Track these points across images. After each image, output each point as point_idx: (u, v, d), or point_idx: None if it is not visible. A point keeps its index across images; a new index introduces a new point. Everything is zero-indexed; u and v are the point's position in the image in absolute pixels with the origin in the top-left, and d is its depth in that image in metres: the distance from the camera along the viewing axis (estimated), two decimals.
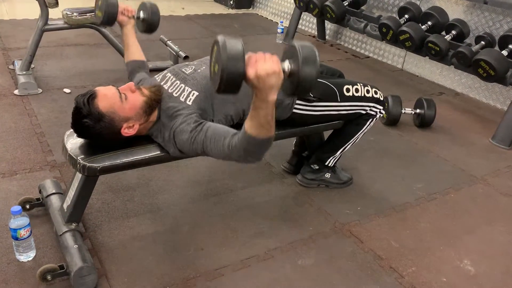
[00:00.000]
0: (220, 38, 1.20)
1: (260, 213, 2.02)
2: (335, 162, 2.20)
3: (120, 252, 1.73)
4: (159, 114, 1.65)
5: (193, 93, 1.64)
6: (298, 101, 1.88)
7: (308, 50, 1.24)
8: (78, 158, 1.56)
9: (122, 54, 3.39)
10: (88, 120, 1.51)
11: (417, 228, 2.02)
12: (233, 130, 1.48)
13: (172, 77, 1.74)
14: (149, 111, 1.60)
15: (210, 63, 1.28)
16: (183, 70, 1.76)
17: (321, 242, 1.88)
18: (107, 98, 1.53)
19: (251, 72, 1.19)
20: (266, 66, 1.20)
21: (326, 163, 2.17)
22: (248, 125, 1.34)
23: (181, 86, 1.68)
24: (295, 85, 1.25)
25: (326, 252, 1.83)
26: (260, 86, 1.21)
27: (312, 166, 2.20)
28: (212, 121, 1.66)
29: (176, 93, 1.67)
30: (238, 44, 1.19)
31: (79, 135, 1.60)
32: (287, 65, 1.26)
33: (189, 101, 1.63)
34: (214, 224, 1.93)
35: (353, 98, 1.98)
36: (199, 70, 1.73)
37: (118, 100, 1.54)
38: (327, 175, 2.21)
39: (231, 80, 1.18)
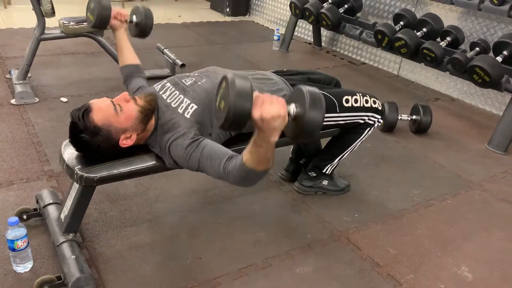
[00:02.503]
0: (229, 75, 1.17)
1: (258, 221, 2.02)
2: (333, 170, 2.20)
3: (117, 262, 1.73)
4: (156, 124, 1.65)
5: (192, 106, 1.63)
6: None
7: (315, 95, 1.21)
8: (76, 168, 1.56)
9: (118, 62, 3.40)
10: (85, 135, 1.51)
11: (415, 235, 2.02)
12: (229, 152, 1.47)
13: (171, 87, 1.74)
14: (145, 120, 1.60)
15: (217, 97, 1.26)
16: (183, 81, 1.75)
17: (319, 250, 1.88)
18: (102, 111, 1.53)
19: (256, 114, 1.17)
20: (272, 109, 1.17)
21: (324, 171, 2.18)
22: (246, 158, 1.33)
23: (180, 97, 1.68)
24: (299, 129, 1.22)
25: (324, 259, 1.83)
26: (263, 127, 1.18)
27: (309, 173, 2.20)
28: (210, 135, 1.66)
29: (174, 104, 1.67)
30: (247, 84, 1.16)
31: (78, 150, 1.60)
32: (292, 108, 1.23)
33: (187, 114, 1.62)
34: (212, 233, 1.92)
35: (352, 109, 1.98)
36: (199, 83, 1.72)
37: (113, 112, 1.54)
38: (325, 182, 2.21)
39: (236, 120, 1.16)
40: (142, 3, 6.17)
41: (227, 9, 5.88)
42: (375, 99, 2.07)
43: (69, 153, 1.64)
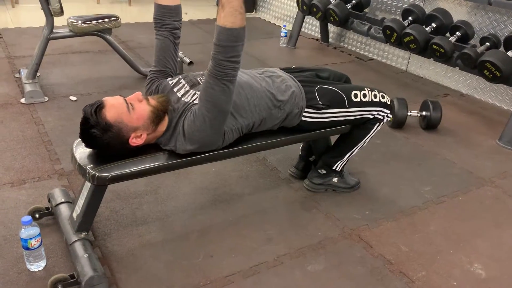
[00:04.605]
0: None
1: (269, 219, 2.02)
2: (343, 167, 2.19)
3: (129, 260, 1.74)
4: (169, 123, 1.66)
5: None
6: (306, 109, 1.88)
7: None
8: (88, 167, 1.57)
9: (126, 60, 3.42)
10: (95, 131, 1.52)
11: (426, 232, 2.01)
12: None
13: (186, 85, 1.76)
14: (156, 120, 1.61)
15: None
16: (198, 79, 1.78)
17: (330, 248, 1.88)
18: (115, 108, 1.54)
19: None
20: None
21: (334, 168, 2.17)
22: (221, 18, 1.44)
23: (196, 93, 1.70)
24: None
25: (336, 257, 1.82)
26: None
27: (319, 170, 2.20)
28: (224, 130, 1.68)
29: (189, 101, 1.70)
30: None
31: (87, 145, 1.61)
32: None
33: (196, 100, 1.66)
34: (223, 231, 1.93)
35: (360, 104, 1.98)
36: None
37: (125, 110, 1.55)
38: (335, 180, 2.21)
39: None
40: (148, 1, 6.16)
41: None
42: (383, 94, 2.06)
43: (81, 152, 1.65)
